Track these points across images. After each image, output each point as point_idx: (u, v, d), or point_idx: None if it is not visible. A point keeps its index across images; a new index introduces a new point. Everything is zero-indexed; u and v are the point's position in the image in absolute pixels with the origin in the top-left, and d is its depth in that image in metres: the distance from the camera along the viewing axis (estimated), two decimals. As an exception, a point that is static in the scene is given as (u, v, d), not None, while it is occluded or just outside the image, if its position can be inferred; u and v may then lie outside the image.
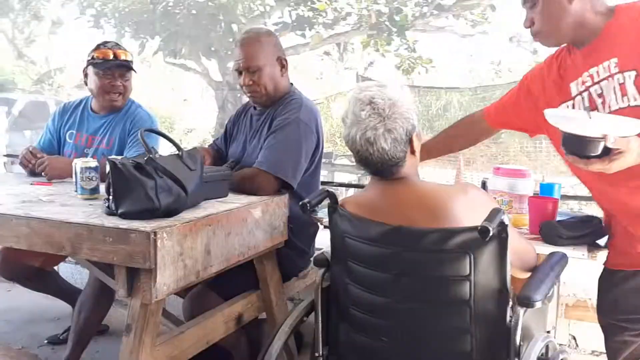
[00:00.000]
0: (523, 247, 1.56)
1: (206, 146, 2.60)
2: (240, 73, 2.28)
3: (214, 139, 2.61)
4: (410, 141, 1.48)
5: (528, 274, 1.52)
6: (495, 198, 2.06)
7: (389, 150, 1.44)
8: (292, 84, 2.36)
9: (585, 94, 1.65)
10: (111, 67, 2.52)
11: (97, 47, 2.55)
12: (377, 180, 1.53)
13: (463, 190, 1.46)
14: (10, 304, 3.31)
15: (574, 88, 1.69)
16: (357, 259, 1.52)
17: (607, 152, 1.39)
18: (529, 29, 1.72)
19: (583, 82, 1.67)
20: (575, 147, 1.43)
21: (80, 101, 2.75)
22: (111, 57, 2.51)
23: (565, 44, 1.74)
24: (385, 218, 1.44)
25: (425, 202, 1.44)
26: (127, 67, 2.57)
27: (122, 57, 2.54)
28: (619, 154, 1.39)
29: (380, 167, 1.48)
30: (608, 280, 1.77)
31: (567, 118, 1.51)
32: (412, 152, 1.50)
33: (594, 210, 1.83)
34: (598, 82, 1.63)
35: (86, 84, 2.63)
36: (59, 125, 2.71)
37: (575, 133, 1.40)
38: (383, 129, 1.43)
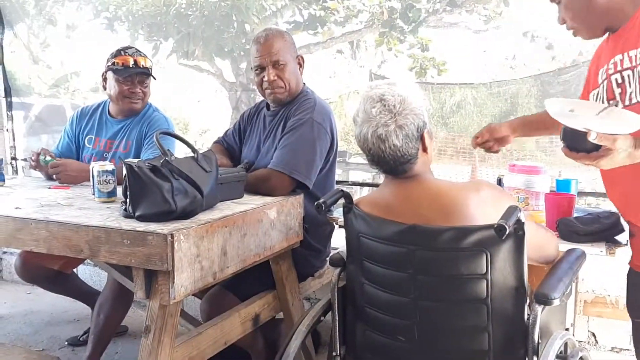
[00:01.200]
0: (543, 241, 1.55)
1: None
2: (262, 69, 2.23)
3: (222, 136, 2.56)
4: (422, 138, 1.48)
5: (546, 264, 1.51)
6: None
7: (401, 146, 1.44)
8: (304, 83, 2.36)
9: (605, 83, 1.60)
10: (131, 74, 2.54)
11: (118, 53, 2.55)
12: (391, 180, 1.53)
13: (476, 187, 1.46)
14: (30, 306, 3.36)
15: (600, 76, 1.65)
16: (372, 258, 1.51)
17: (597, 149, 1.37)
18: (564, 26, 1.69)
19: (607, 70, 1.61)
20: (569, 139, 1.42)
21: (98, 105, 2.77)
22: (131, 64, 2.52)
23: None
24: (399, 217, 1.44)
25: (439, 200, 1.44)
26: (147, 74, 2.58)
27: (142, 64, 2.55)
28: (606, 151, 1.35)
29: (393, 164, 1.47)
30: (635, 279, 1.73)
31: (563, 114, 1.48)
32: (424, 149, 1.50)
33: (611, 206, 1.81)
34: (620, 71, 1.57)
35: (104, 88, 2.64)
36: (77, 129, 2.73)
37: (569, 126, 1.39)
38: (394, 125, 1.43)
